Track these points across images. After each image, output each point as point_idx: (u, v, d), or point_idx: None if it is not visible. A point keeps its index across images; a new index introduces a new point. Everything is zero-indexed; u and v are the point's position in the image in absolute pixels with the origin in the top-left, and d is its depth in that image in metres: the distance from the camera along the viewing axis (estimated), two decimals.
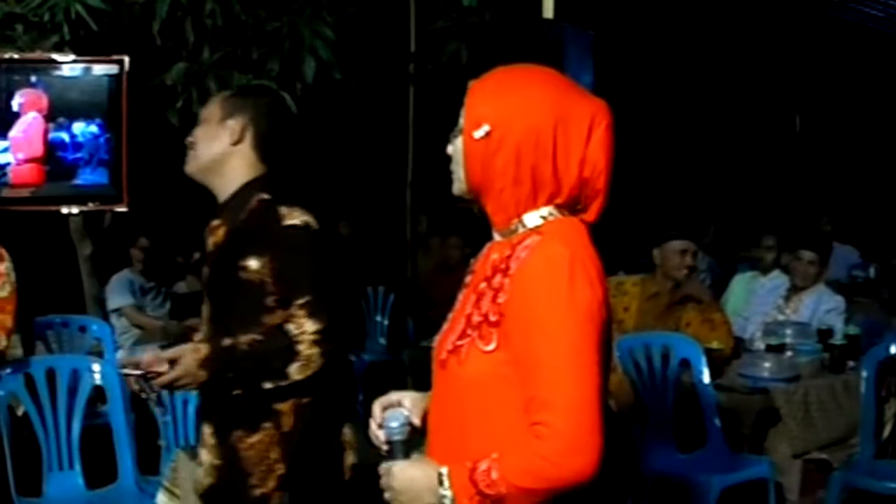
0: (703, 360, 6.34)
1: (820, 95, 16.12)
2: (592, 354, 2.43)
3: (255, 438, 3.70)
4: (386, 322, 10.09)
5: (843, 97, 15.99)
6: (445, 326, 2.71)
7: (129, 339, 8.86)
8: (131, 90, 6.47)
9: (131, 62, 6.50)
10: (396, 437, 2.66)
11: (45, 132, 6.59)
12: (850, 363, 6.89)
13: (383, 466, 2.61)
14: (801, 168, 15.85)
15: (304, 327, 3.59)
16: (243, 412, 3.71)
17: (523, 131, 2.53)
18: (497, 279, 2.53)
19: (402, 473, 2.56)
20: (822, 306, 7.63)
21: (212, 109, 4.05)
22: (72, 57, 7.00)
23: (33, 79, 6.61)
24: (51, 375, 5.88)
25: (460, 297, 2.73)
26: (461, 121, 2.64)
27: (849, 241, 11.17)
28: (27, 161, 6.60)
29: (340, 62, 8.15)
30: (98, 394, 5.98)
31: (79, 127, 6.69)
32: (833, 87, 15.95)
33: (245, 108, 3.98)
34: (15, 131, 6.59)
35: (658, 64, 13.54)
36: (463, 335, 2.55)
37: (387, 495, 2.58)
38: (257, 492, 3.70)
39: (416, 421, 2.75)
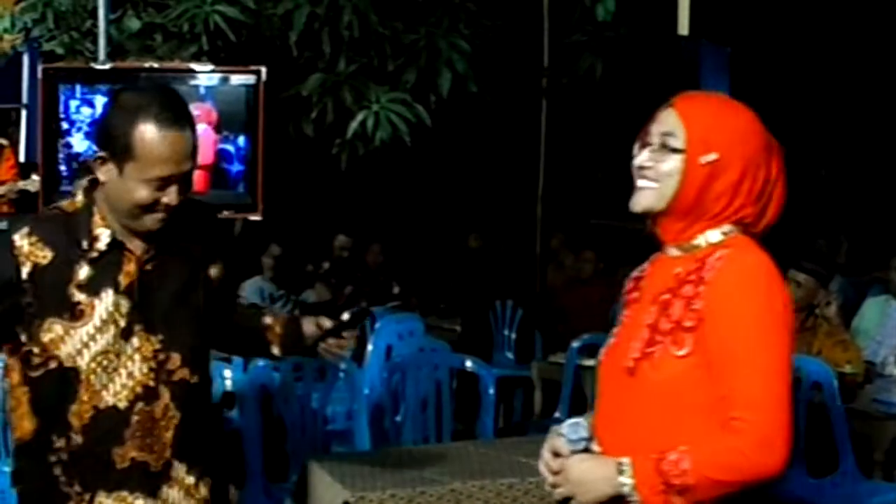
0: (836, 383, 6.23)
1: None
2: (786, 356, 2.63)
3: None
4: (514, 336, 10.06)
5: None
6: (613, 339, 2.86)
7: None
8: (267, 100, 6.53)
9: (268, 73, 6.55)
10: (583, 445, 2.77)
11: (215, 143, 6.69)
12: None
13: (556, 462, 2.74)
14: None
15: None
16: None
17: (745, 161, 2.72)
18: (687, 289, 2.69)
19: (578, 465, 2.70)
20: None
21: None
22: (210, 67, 7.09)
23: (202, 91, 6.72)
24: None
25: (627, 310, 2.89)
26: (669, 140, 2.76)
27: None
28: (199, 168, 6.70)
29: (475, 75, 8.16)
30: (223, 400, 6.03)
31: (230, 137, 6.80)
32: None
33: None
34: None
35: (795, 79, 13.37)
36: (651, 343, 2.69)
37: (560, 490, 2.72)
38: None
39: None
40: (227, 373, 6.04)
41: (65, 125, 6.42)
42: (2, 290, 3.10)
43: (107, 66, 7.04)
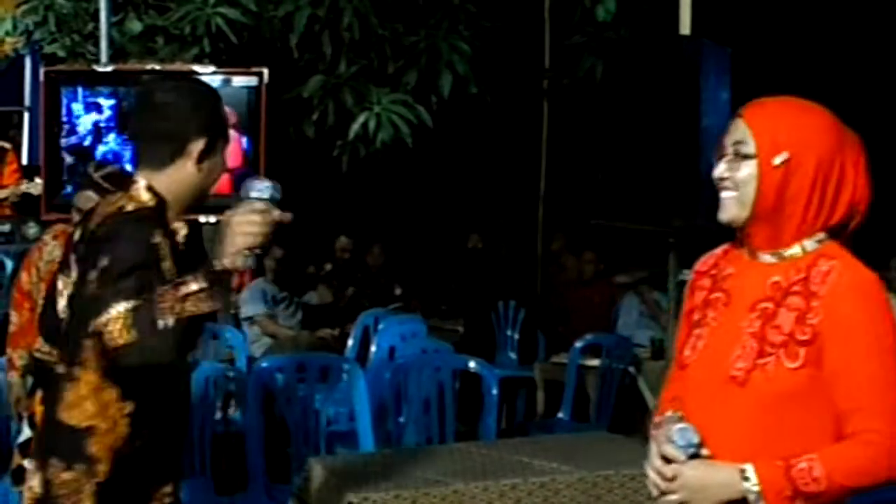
0: None
1: None
2: None
3: None
4: (516, 336, 10.07)
5: None
6: (702, 342, 2.89)
7: (260, 347, 8.93)
8: (269, 102, 6.54)
9: (269, 75, 6.56)
10: (692, 451, 2.78)
11: (240, 145, 6.74)
12: None
13: (669, 469, 2.77)
14: None
15: None
16: None
17: (818, 159, 2.78)
18: (795, 300, 2.75)
19: (696, 471, 2.75)
20: None
21: None
22: (212, 69, 7.10)
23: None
24: None
25: (711, 311, 2.92)
26: (741, 147, 2.84)
27: None
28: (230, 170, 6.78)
29: (476, 76, 8.17)
30: (226, 401, 6.05)
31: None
32: None
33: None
34: None
35: (796, 80, 13.36)
36: (762, 354, 2.74)
37: (674, 497, 2.77)
38: None
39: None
40: (230, 374, 6.04)
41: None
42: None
43: (109, 69, 7.06)
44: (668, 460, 2.80)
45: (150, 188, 3.20)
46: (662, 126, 6.47)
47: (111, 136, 6.72)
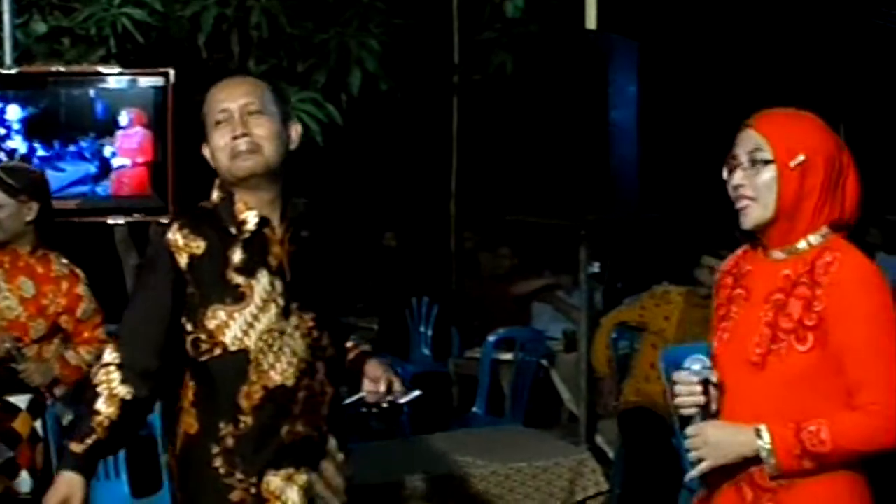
0: None
1: (865, 103, 16.00)
2: None
3: None
4: (430, 333, 10.09)
5: (888, 105, 15.88)
6: (727, 335, 3.18)
7: None
8: (177, 103, 6.50)
9: (177, 75, 6.53)
10: (706, 375, 3.07)
11: (152, 141, 6.74)
12: None
13: (692, 428, 3.06)
14: None
15: None
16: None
17: (825, 159, 3.05)
18: (802, 290, 3.04)
19: (716, 429, 3.05)
20: None
21: (274, 103, 3.46)
22: (118, 69, 7.05)
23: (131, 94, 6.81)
24: None
25: (735, 307, 3.19)
26: (758, 154, 3.08)
27: None
28: (140, 165, 6.78)
29: (386, 73, 8.18)
30: None
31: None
32: (878, 95, 15.84)
33: (290, 111, 3.58)
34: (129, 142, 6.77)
35: (702, 73, 13.50)
36: (776, 339, 3.04)
37: (696, 453, 3.05)
38: None
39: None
40: None
41: None
42: (166, 280, 3.25)
43: (14, 71, 6.99)
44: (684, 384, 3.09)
45: (220, 184, 3.42)
46: (572, 120, 6.51)
47: (17, 138, 6.68)
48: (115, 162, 6.77)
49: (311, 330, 3.32)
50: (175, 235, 3.25)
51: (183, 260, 3.22)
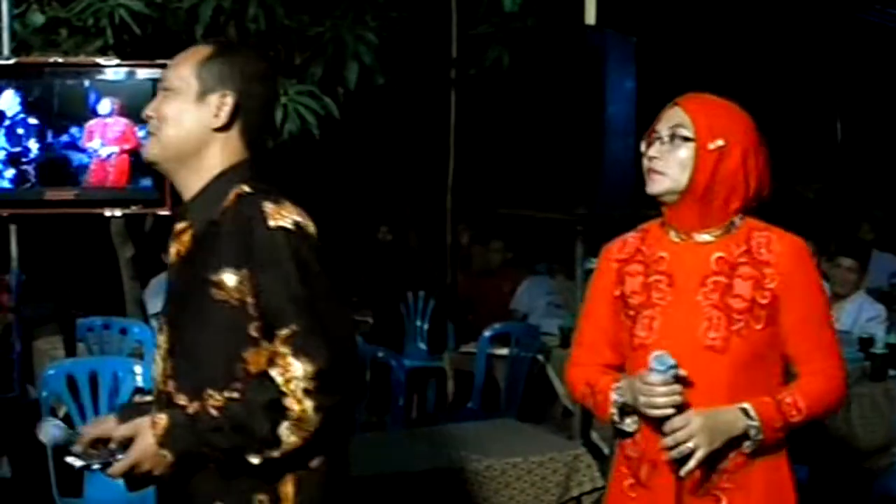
0: None
1: (862, 101, 16.02)
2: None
3: None
4: (426, 327, 10.08)
5: (885, 102, 15.89)
6: (658, 321, 3.17)
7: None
8: None
9: None
10: (672, 372, 3.03)
11: (134, 131, 6.79)
12: (892, 371, 6.84)
13: (679, 420, 3.03)
14: (842, 174, 15.75)
15: (291, 371, 2.71)
16: (229, 492, 2.88)
17: (743, 147, 3.15)
18: (746, 270, 3.13)
19: (701, 417, 3.03)
20: (863, 314, 7.56)
21: (184, 76, 2.93)
22: (115, 61, 7.05)
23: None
24: (93, 377, 5.92)
25: (658, 294, 3.20)
26: (679, 130, 3.15)
27: (890, 248, 11.07)
28: (125, 153, 6.82)
29: (383, 67, 8.16)
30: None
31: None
32: (876, 92, 15.85)
33: (233, 77, 2.93)
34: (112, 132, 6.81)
35: (699, 70, 13.49)
36: (731, 321, 3.10)
37: (687, 445, 3.02)
38: None
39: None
40: (138, 369, 5.99)
41: None
42: None
43: (11, 62, 6.99)
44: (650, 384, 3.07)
45: None
46: (568, 115, 6.51)
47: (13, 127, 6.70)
48: (103, 151, 6.83)
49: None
50: None
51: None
